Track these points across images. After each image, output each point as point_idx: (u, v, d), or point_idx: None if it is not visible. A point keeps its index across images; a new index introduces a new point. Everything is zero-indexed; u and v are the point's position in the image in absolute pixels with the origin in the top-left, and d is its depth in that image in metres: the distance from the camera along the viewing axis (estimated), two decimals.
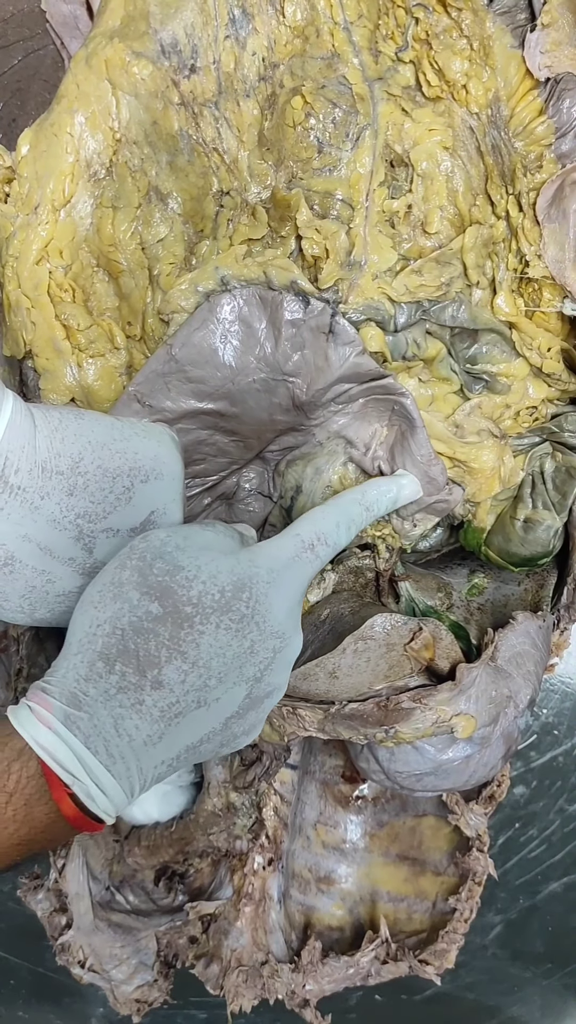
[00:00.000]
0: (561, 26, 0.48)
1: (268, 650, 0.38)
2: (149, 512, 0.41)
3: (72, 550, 0.38)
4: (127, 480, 0.39)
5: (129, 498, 0.40)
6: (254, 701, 0.39)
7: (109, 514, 0.39)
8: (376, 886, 0.66)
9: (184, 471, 0.48)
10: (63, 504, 0.37)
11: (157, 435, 0.43)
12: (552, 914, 0.71)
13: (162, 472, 0.41)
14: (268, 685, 0.40)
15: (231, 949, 0.64)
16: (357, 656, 0.51)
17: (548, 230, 0.50)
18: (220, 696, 0.37)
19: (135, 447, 0.40)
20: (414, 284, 0.49)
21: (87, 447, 0.38)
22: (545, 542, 0.55)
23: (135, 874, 0.67)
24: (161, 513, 0.42)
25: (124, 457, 0.39)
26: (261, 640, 0.38)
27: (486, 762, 0.52)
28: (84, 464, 0.38)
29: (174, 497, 0.43)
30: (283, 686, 0.41)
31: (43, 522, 0.37)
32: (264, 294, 0.46)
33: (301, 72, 0.48)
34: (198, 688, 0.36)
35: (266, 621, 0.38)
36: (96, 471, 0.38)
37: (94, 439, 0.38)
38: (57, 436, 0.37)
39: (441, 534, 0.61)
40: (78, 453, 0.38)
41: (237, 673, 0.37)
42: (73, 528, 0.38)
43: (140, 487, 0.40)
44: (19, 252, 0.49)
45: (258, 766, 0.65)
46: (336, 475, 0.52)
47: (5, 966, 0.73)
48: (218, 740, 0.38)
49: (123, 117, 0.49)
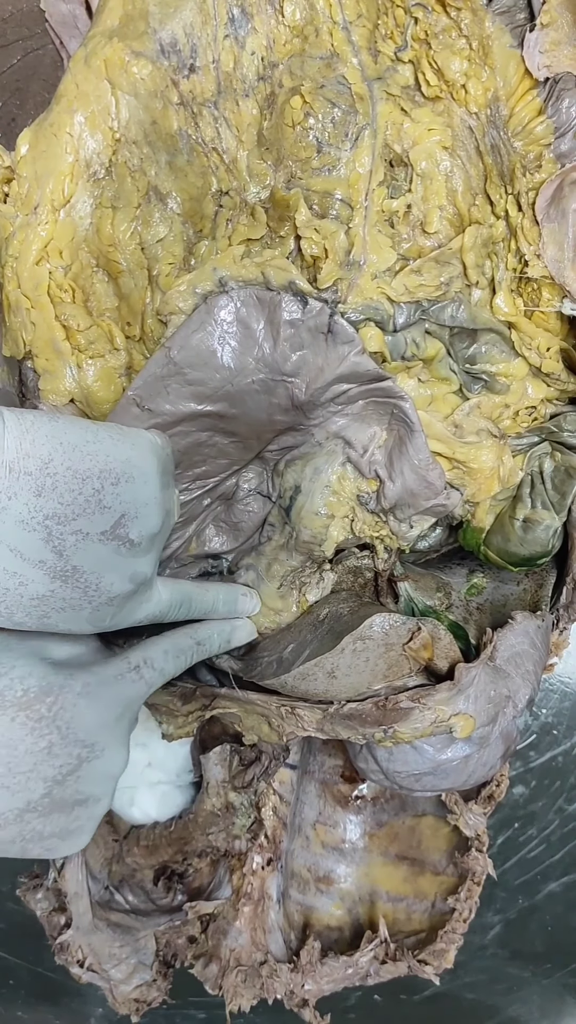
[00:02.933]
0: (560, 26, 0.48)
1: (71, 756, 0.43)
2: (120, 515, 0.41)
3: (42, 552, 0.38)
4: (97, 482, 0.39)
5: (99, 500, 0.40)
6: (57, 803, 0.43)
7: (79, 516, 0.39)
8: (375, 886, 0.66)
9: (175, 474, 0.48)
10: (31, 505, 0.37)
11: (132, 438, 0.43)
12: (551, 914, 0.71)
13: (133, 475, 0.41)
14: (78, 792, 0.43)
15: (230, 949, 0.64)
16: (356, 656, 0.51)
17: (547, 230, 0.50)
18: (9, 784, 0.41)
19: (107, 449, 0.40)
20: (413, 284, 0.49)
21: (57, 448, 0.38)
22: (544, 542, 0.55)
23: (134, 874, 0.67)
24: (133, 517, 0.42)
25: (95, 459, 0.40)
26: (61, 744, 0.42)
27: (485, 762, 0.52)
28: (53, 465, 0.38)
29: (148, 501, 0.42)
30: (103, 797, 0.45)
31: (11, 523, 0.37)
32: (262, 295, 0.46)
33: (300, 72, 0.48)
34: None
35: (69, 728, 0.42)
36: (65, 472, 0.38)
37: (65, 441, 0.39)
38: (27, 437, 0.37)
39: (440, 534, 0.61)
40: (48, 454, 0.38)
41: (30, 768, 0.41)
42: (42, 529, 0.38)
43: (110, 489, 0.40)
44: (19, 252, 0.49)
45: (257, 766, 0.65)
46: (335, 475, 0.52)
47: (4, 966, 0.73)
48: (15, 830, 0.42)
49: (122, 117, 0.49)
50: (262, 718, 0.55)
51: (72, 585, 0.40)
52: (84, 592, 0.41)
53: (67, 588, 0.40)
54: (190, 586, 0.51)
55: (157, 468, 0.44)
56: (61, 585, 0.40)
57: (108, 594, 0.42)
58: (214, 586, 0.53)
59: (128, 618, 0.45)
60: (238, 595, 0.54)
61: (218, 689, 0.57)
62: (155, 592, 0.47)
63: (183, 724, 0.59)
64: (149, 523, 0.43)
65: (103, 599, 0.42)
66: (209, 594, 0.52)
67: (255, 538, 0.55)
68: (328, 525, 0.53)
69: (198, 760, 0.66)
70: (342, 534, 0.54)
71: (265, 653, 0.55)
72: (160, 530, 0.44)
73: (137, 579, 0.43)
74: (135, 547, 0.42)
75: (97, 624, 0.43)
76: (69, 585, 0.40)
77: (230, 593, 0.54)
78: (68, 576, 0.40)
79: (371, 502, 0.53)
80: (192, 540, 0.53)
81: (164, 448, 0.46)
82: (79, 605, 0.41)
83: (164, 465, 0.45)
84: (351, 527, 0.54)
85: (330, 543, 0.54)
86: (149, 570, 0.44)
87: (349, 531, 0.54)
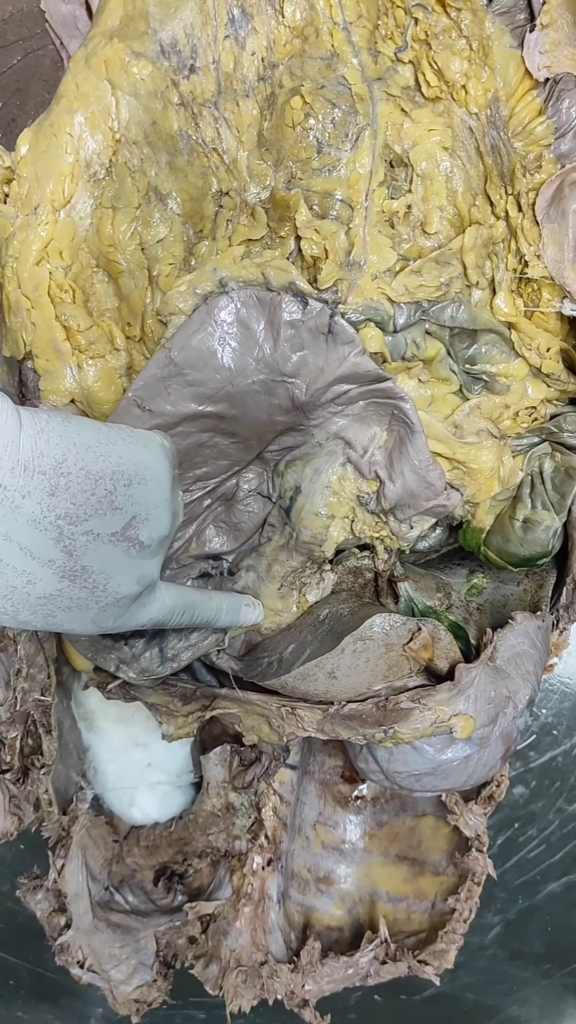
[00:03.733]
0: (560, 26, 0.48)
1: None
2: (131, 517, 0.41)
3: (52, 552, 0.38)
4: (109, 483, 0.40)
5: (111, 502, 0.40)
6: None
7: (90, 517, 0.39)
8: (375, 886, 0.66)
9: (178, 476, 0.48)
10: (44, 504, 0.37)
11: (144, 441, 0.43)
12: (551, 914, 0.71)
13: (145, 477, 0.42)
14: None
15: (230, 949, 0.64)
16: (356, 656, 0.51)
17: (547, 230, 0.50)
18: None
19: (120, 451, 0.41)
20: (413, 284, 0.49)
21: (71, 449, 0.38)
22: (544, 542, 0.55)
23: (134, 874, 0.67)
24: (144, 519, 0.42)
25: (108, 461, 0.40)
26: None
27: (485, 762, 0.52)
28: (67, 465, 0.38)
29: (158, 503, 0.43)
30: None
31: (23, 521, 0.37)
32: (262, 295, 0.46)
33: (300, 72, 0.48)
34: None
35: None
36: (79, 473, 0.38)
37: (79, 441, 0.39)
38: (42, 437, 0.37)
39: (440, 534, 0.61)
40: (62, 454, 0.38)
41: None
42: (54, 529, 0.38)
43: (123, 491, 0.40)
44: (19, 253, 0.49)
45: (257, 766, 0.65)
46: (335, 476, 0.52)
47: (4, 966, 0.73)
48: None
49: (122, 117, 0.49)
50: (262, 719, 0.55)
51: (80, 585, 0.40)
52: (92, 592, 0.41)
53: (75, 588, 0.40)
54: (194, 593, 0.50)
55: (169, 471, 0.44)
56: (69, 585, 0.40)
57: (115, 595, 0.42)
58: (218, 595, 0.53)
59: (131, 621, 0.45)
60: (241, 605, 0.54)
61: (218, 689, 0.57)
62: (158, 596, 0.47)
63: (183, 725, 0.59)
64: (159, 525, 0.43)
65: (110, 600, 0.42)
66: (212, 602, 0.52)
67: (255, 539, 0.55)
68: (328, 525, 0.53)
69: (198, 760, 0.66)
70: (342, 534, 0.54)
71: (265, 653, 0.55)
72: (168, 533, 0.45)
73: (144, 581, 0.43)
74: (144, 549, 0.42)
75: (101, 625, 0.43)
76: (77, 585, 0.40)
77: (234, 602, 0.54)
78: (77, 576, 0.40)
79: (371, 503, 0.53)
80: (192, 541, 0.53)
81: (171, 450, 0.46)
82: (86, 605, 0.41)
83: (172, 467, 0.45)
84: (351, 528, 0.54)
85: (330, 543, 0.54)
86: (155, 572, 0.44)
87: (349, 531, 0.54)
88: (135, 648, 0.54)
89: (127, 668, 0.54)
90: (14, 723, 0.62)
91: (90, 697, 0.67)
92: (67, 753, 0.66)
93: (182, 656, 0.54)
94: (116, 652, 0.54)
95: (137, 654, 0.54)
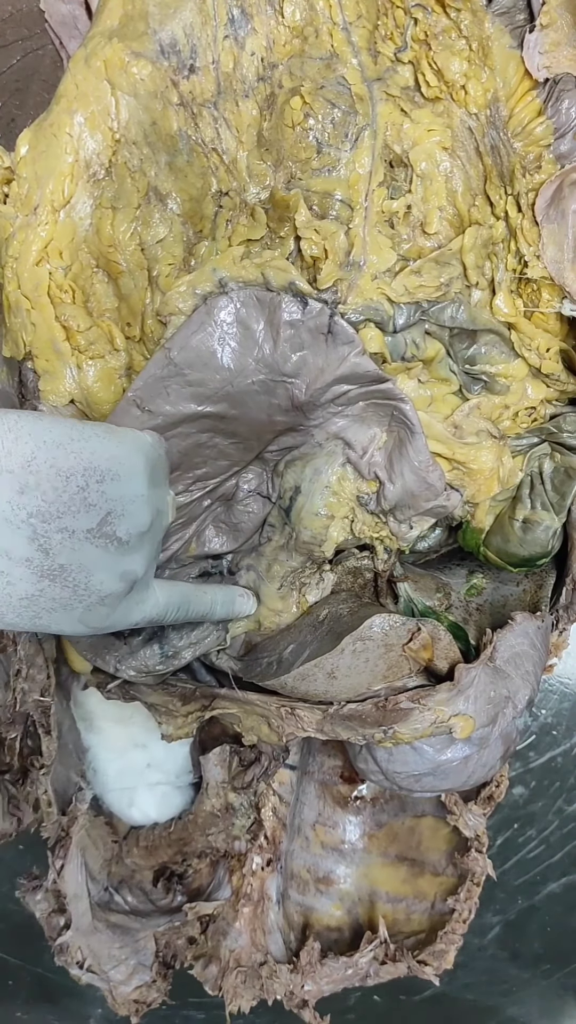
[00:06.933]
0: (560, 27, 0.48)
1: None
2: (106, 513, 0.41)
3: (27, 550, 0.38)
4: (81, 480, 0.40)
5: (84, 498, 0.40)
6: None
7: (63, 514, 0.39)
8: (375, 886, 0.66)
9: (169, 474, 0.48)
10: (14, 502, 0.38)
11: (118, 436, 0.43)
12: (551, 915, 0.71)
13: (119, 472, 0.41)
14: None
15: (229, 950, 0.64)
16: (356, 656, 0.51)
17: (547, 230, 0.50)
18: None
19: (92, 447, 0.40)
20: (413, 285, 0.49)
21: (41, 446, 0.38)
22: (544, 543, 0.55)
23: (133, 875, 0.67)
24: (120, 515, 0.42)
25: (79, 457, 0.40)
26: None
27: (485, 763, 0.52)
28: (36, 463, 0.38)
29: (134, 498, 0.42)
30: None
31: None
32: (262, 295, 0.46)
33: (300, 72, 0.48)
34: None
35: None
36: (48, 470, 0.38)
37: (49, 439, 0.39)
38: (10, 435, 0.38)
39: (440, 535, 0.61)
40: (31, 452, 0.38)
41: None
42: (26, 527, 0.38)
43: (95, 487, 0.40)
44: (19, 253, 0.49)
45: (256, 767, 0.65)
46: (335, 476, 0.52)
47: (4, 966, 0.73)
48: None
49: (122, 117, 0.49)
50: (262, 719, 0.55)
51: (61, 584, 0.40)
52: (74, 591, 0.41)
53: (56, 587, 0.40)
54: (187, 588, 0.50)
55: (144, 466, 0.44)
56: (49, 584, 0.40)
57: (99, 593, 0.42)
58: (211, 588, 0.53)
59: (123, 620, 0.45)
60: (235, 596, 0.54)
61: (218, 690, 0.57)
62: (151, 594, 0.46)
63: (182, 725, 0.59)
64: (137, 521, 0.43)
65: (94, 598, 0.41)
66: (207, 596, 0.52)
67: (255, 539, 0.55)
68: (328, 526, 0.53)
69: (198, 761, 0.66)
70: (342, 535, 0.54)
71: (265, 654, 0.55)
72: (150, 529, 0.44)
73: (128, 578, 0.43)
74: (124, 545, 0.42)
75: (91, 625, 0.43)
76: (58, 584, 0.40)
77: (228, 594, 0.54)
78: (56, 575, 0.40)
79: (371, 503, 0.53)
80: (192, 541, 0.53)
81: (155, 447, 0.46)
82: (70, 605, 0.41)
83: (153, 463, 0.45)
84: (351, 528, 0.54)
85: (330, 544, 0.54)
86: (141, 569, 0.44)
87: (349, 532, 0.54)
88: (132, 644, 0.54)
89: (125, 665, 0.54)
90: (13, 724, 0.62)
91: (89, 698, 0.67)
92: (66, 754, 0.66)
93: (183, 654, 0.54)
94: (114, 650, 0.54)
95: (135, 650, 0.54)
